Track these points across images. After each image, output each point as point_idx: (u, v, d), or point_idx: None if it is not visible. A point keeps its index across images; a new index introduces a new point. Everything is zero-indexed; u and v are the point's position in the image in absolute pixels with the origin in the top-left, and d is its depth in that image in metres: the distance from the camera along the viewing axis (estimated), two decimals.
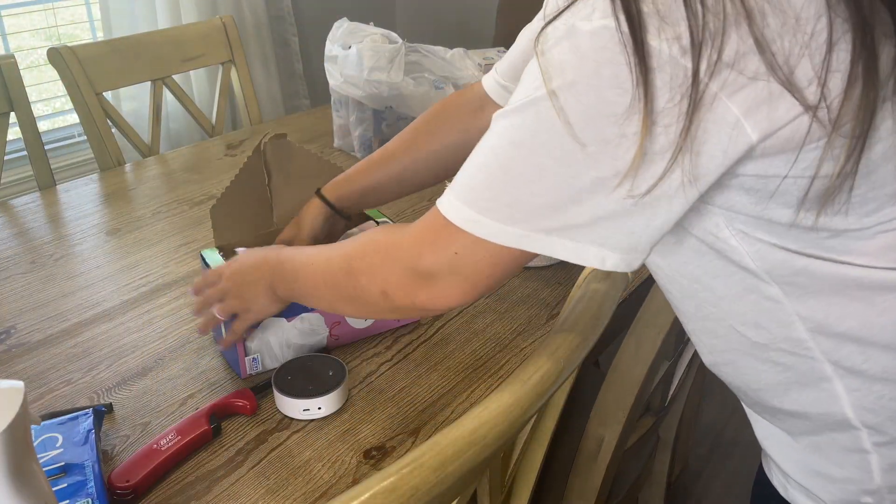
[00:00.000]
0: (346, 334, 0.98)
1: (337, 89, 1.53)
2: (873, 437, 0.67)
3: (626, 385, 0.96)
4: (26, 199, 1.46)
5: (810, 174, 0.56)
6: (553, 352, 0.64)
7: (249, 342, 0.92)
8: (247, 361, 0.93)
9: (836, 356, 0.64)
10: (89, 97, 1.64)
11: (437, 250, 0.63)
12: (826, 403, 0.67)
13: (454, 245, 0.62)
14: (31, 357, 0.99)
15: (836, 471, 0.70)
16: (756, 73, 0.51)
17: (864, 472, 0.69)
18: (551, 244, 0.58)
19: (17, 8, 2.18)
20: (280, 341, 0.94)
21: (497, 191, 0.58)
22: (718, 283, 0.66)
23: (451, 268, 0.63)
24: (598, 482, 1.04)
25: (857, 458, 0.68)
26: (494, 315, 1.06)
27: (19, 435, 0.55)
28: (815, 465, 0.72)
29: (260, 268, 0.86)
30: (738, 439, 1.93)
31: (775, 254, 0.61)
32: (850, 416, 0.66)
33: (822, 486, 0.72)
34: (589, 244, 0.58)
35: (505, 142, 0.58)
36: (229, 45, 1.89)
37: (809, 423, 0.69)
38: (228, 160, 1.63)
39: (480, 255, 0.61)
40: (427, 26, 3.03)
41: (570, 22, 0.54)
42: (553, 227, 0.57)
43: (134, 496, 0.77)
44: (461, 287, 0.64)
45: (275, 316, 0.91)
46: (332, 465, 0.81)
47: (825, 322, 0.63)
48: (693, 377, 1.37)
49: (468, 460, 0.55)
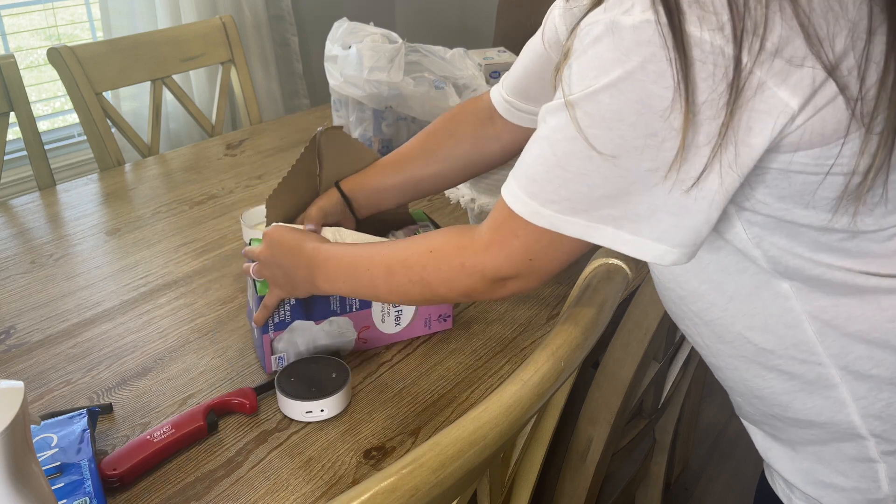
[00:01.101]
0: (375, 339, 0.98)
1: (337, 89, 1.53)
2: (881, 445, 0.66)
3: (615, 385, 0.97)
4: (26, 199, 1.46)
5: (844, 170, 0.55)
6: (553, 352, 0.64)
7: (277, 342, 0.93)
8: (272, 360, 0.94)
9: (843, 360, 0.64)
10: (89, 97, 1.64)
11: (512, 255, 0.65)
12: (832, 411, 0.66)
13: (524, 241, 0.64)
14: (31, 357, 0.99)
15: (842, 481, 0.69)
16: (800, 59, 0.51)
17: (872, 482, 0.68)
18: (612, 237, 0.59)
19: (17, 8, 2.17)
20: (307, 342, 0.95)
21: (556, 184, 0.59)
22: (730, 281, 0.66)
23: (527, 269, 0.66)
24: (587, 482, 1.04)
25: (864, 467, 0.68)
26: (494, 315, 1.06)
27: (19, 435, 0.55)
28: (819, 476, 0.71)
29: (296, 256, 0.85)
30: (738, 439, 1.93)
31: (789, 259, 0.62)
32: (858, 423, 0.65)
33: (828, 496, 0.71)
34: (647, 238, 0.58)
35: (559, 137, 0.59)
36: (229, 44, 1.89)
37: (813, 432, 0.69)
38: (228, 160, 1.63)
39: (551, 249, 0.63)
40: (427, 26, 3.02)
41: (610, 16, 0.54)
42: (611, 218, 0.58)
43: (120, 484, 0.78)
44: (538, 279, 0.67)
45: (303, 319, 0.93)
46: (331, 465, 0.81)
47: (834, 322, 0.63)
48: (691, 378, 1.37)
49: (468, 461, 0.55)
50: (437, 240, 0.73)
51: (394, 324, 0.96)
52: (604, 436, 1.00)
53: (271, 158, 1.64)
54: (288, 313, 0.92)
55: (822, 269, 0.61)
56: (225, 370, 0.95)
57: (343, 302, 0.94)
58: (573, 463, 1.04)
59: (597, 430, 1.01)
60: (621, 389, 0.97)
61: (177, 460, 0.82)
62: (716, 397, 2.06)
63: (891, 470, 0.67)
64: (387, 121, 1.52)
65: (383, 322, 0.96)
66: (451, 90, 1.48)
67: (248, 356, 0.98)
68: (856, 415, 0.65)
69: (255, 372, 0.95)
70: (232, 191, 1.48)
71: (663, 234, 0.58)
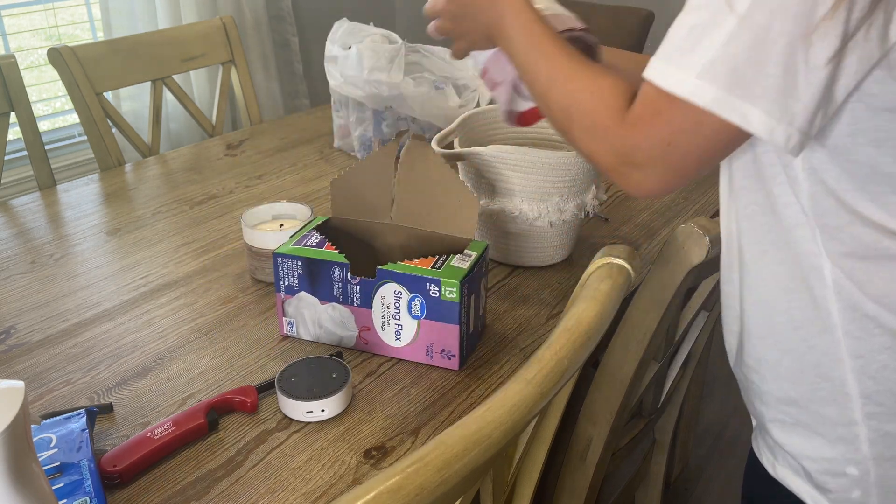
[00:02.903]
0: (375, 344, 0.98)
1: (337, 89, 1.53)
2: (867, 407, 0.68)
3: (614, 385, 0.97)
4: (26, 199, 1.46)
5: None
6: (557, 351, 0.64)
7: (287, 305, 0.99)
8: (284, 322, 1.00)
9: (851, 317, 0.66)
10: (89, 97, 1.64)
11: (651, 135, 0.64)
12: (827, 367, 0.68)
13: (666, 119, 0.62)
14: (31, 357, 0.98)
15: (820, 444, 0.72)
16: None
17: (850, 444, 0.70)
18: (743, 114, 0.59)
19: (17, 8, 2.17)
20: (313, 319, 0.99)
21: (700, 51, 0.60)
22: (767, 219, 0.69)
23: (661, 157, 0.64)
24: (587, 482, 1.04)
25: (844, 430, 0.70)
26: (494, 315, 1.06)
27: (19, 435, 0.55)
28: (799, 441, 0.74)
29: (486, 12, 0.84)
30: (738, 439, 1.93)
31: (829, 203, 0.64)
32: (850, 382, 0.67)
33: (807, 461, 0.74)
34: (776, 120, 0.59)
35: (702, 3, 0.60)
36: (229, 45, 1.89)
37: (801, 390, 0.71)
38: (228, 160, 1.63)
39: (690, 135, 0.62)
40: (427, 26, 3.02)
41: None
42: (746, 91, 0.58)
43: (120, 481, 0.77)
44: (664, 178, 0.65)
45: (309, 294, 0.97)
46: (332, 465, 0.81)
47: (854, 277, 0.65)
48: (690, 378, 1.37)
49: (472, 460, 0.55)
50: (606, 85, 0.70)
51: (394, 337, 0.96)
52: (603, 435, 1.00)
53: (271, 158, 1.64)
54: (296, 281, 0.97)
55: (858, 224, 0.63)
56: (225, 370, 0.95)
57: (345, 293, 0.95)
58: (573, 463, 1.04)
59: (596, 430, 1.01)
60: (621, 389, 0.97)
61: (177, 460, 0.81)
62: (716, 397, 2.06)
63: (871, 432, 0.68)
64: (387, 121, 1.52)
65: (383, 330, 0.96)
66: (451, 90, 1.48)
67: (248, 356, 0.98)
68: (850, 372, 0.67)
69: (254, 372, 0.95)
70: (232, 191, 1.48)
71: (793, 116, 0.59)
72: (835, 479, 0.72)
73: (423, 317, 0.92)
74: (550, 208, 1.10)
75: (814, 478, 0.74)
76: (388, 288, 0.93)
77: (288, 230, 1.12)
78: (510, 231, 1.14)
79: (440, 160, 1.01)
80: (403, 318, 0.94)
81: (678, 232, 0.87)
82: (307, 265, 0.96)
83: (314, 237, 0.99)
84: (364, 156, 1.49)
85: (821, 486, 0.73)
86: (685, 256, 0.87)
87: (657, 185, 0.66)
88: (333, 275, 0.95)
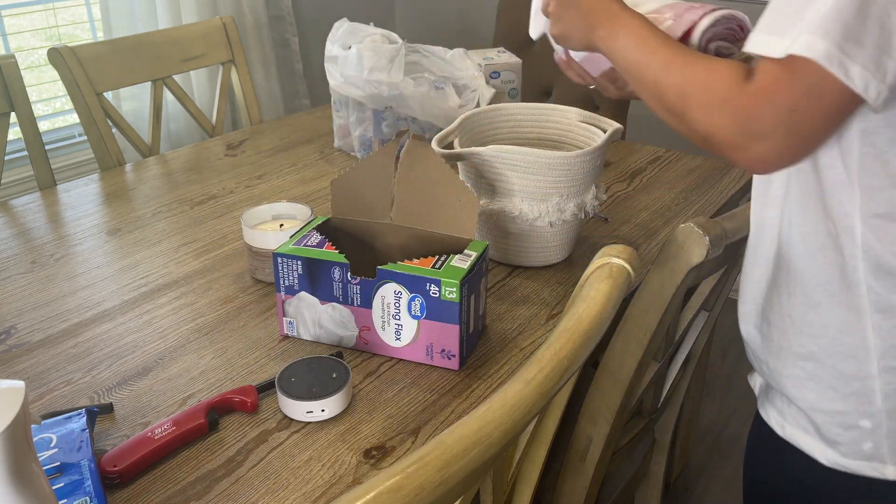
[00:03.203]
0: (375, 344, 0.98)
1: (337, 89, 1.53)
2: (884, 360, 0.71)
3: (614, 385, 0.97)
4: (27, 199, 1.46)
5: None
6: (557, 351, 0.64)
7: (287, 305, 0.99)
8: (284, 322, 1.00)
9: (875, 274, 0.70)
10: (89, 97, 1.64)
11: (774, 103, 0.65)
12: (850, 323, 0.72)
13: (787, 85, 0.64)
14: (32, 357, 0.99)
15: (832, 397, 0.75)
16: None
17: (865, 398, 0.73)
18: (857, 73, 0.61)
19: (17, 8, 2.17)
20: (313, 319, 0.99)
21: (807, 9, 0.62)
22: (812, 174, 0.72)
23: (786, 126, 0.65)
24: (587, 481, 1.04)
25: (859, 385, 0.73)
26: (494, 315, 1.06)
27: (20, 435, 0.55)
28: (811, 396, 0.77)
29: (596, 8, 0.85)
30: (737, 439, 1.93)
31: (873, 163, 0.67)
32: (870, 336, 0.71)
33: (819, 416, 0.77)
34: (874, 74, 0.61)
35: None
36: (229, 45, 1.89)
37: (821, 342, 0.74)
38: (228, 160, 1.63)
39: (813, 99, 0.63)
40: (427, 26, 3.02)
41: None
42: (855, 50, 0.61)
43: (120, 481, 0.78)
44: (787, 146, 0.66)
45: (308, 292, 0.97)
46: (332, 464, 0.81)
47: (885, 238, 0.69)
48: (690, 378, 1.37)
49: (473, 459, 0.55)
50: (722, 66, 0.71)
51: (394, 337, 0.96)
52: (603, 435, 1.00)
53: (272, 158, 1.64)
54: (296, 281, 0.96)
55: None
56: (225, 370, 0.95)
57: (345, 293, 0.95)
58: (573, 462, 1.04)
59: (596, 430, 1.01)
60: (621, 389, 0.97)
61: (177, 459, 0.81)
62: (716, 397, 2.06)
63: (886, 386, 0.72)
64: (387, 121, 1.52)
65: (384, 330, 0.96)
66: (451, 90, 1.48)
67: (248, 356, 0.98)
68: (870, 328, 0.71)
69: (254, 372, 0.95)
70: (232, 191, 1.48)
71: (885, 73, 0.61)
72: (846, 431, 0.75)
73: (423, 317, 0.92)
74: (550, 208, 1.10)
75: (823, 432, 0.77)
76: (389, 288, 0.93)
77: (288, 230, 1.12)
78: (510, 231, 1.14)
79: (440, 160, 1.00)
80: (403, 318, 0.94)
81: (678, 232, 0.87)
82: (307, 265, 0.96)
83: (314, 237, 0.99)
84: (364, 156, 1.49)
85: (831, 439, 0.76)
86: (685, 256, 0.87)
87: (780, 154, 0.67)
88: (333, 275, 0.95)
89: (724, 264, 1.03)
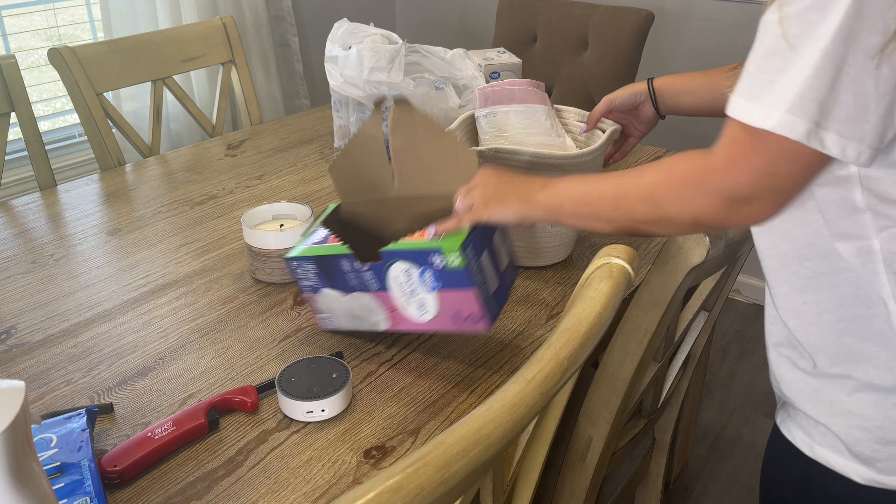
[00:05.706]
0: (404, 322, 0.96)
1: (337, 89, 1.53)
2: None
3: (614, 385, 0.97)
4: (27, 199, 1.46)
5: None
6: (557, 351, 0.64)
7: (317, 303, 1.00)
8: (321, 319, 1.01)
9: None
10: (90, 97, 1.64)
11: (751, 171, 0.65)
12: (876, 329, 0.71)
13: (762, 154, 0.64)
14: (32, 357, 0.99)
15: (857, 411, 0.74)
16: None
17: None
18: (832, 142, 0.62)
19: (17, 8, 2.17)
20: (345, 310, 0.99)
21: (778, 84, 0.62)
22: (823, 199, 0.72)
23: (767, 186, 0.66)
24: (587, 481, 1.04)
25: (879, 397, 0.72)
26: None
27: (20, 435, 0.55)
28: (844, 407, 0.75)
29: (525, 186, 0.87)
30: (737, 439, 1.93)
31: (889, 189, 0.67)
32: None
33: (855, 434, 0.75)
34: (850, 139, 0.61)
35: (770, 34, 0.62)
36: (229, 45, 1.89)
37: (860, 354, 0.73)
38: (228, 160, 1.63)
39: (790, 162, 0.64)
40: (427, 26, 3.02)
41: None
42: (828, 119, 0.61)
43: (120, 481, 0.78)
44: (777, 201, 0.67)
45: (329, 288, 0.97)
46: (332, 464, 0.81)
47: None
48: (690, 378, 1.37)
49: (473, 459, 0.55)
50: (674, 160, 0.72)
51: (419, 312, 0.94)
52: (603, 435, 1.00)
53: (272, 159, 1.64)
54: (315, 279, 0.98)
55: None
56: (225, 370, 0.95)
57: (361, 281, 0.94)
58: (573, 462, 1.04)
59: (596, 430, 1.01)
60: (621, 389, 0.97)
61: (177, 459, 0.82)
62: (716, 397, 2.06)
63: None
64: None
65: (408, 308, 0.94)
66: (451, 91, 1.48)
67: (248, 356, 0.98)
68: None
69: (255, 372, 0.95)
70: (232, 191, 1.48)
71: (863, 135, 0.61)
72: (885, 447, 0.73)
73: (439, 287, 0.90)
74: None
75: (858, 450, 0.74)
76: (398, 267, 0.92)
77: (288, 230, 1.12)
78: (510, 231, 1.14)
79: (428, 119, 0.99)
80: (422, 293, 0.92)
81: None
82: (318, 263, 0.96)
83: (319, 234, 0.99)
84: None
85: (867, 457, 0.74)
86: (685, 256, 0.87)
87: (770, 211, 0.68)
88: (343, 266, 0.94)
89: (723, 264, 1.03)
